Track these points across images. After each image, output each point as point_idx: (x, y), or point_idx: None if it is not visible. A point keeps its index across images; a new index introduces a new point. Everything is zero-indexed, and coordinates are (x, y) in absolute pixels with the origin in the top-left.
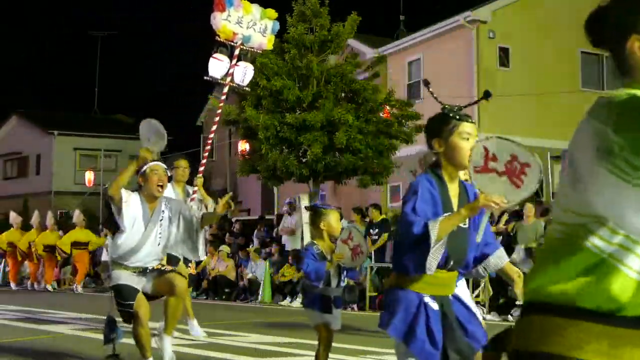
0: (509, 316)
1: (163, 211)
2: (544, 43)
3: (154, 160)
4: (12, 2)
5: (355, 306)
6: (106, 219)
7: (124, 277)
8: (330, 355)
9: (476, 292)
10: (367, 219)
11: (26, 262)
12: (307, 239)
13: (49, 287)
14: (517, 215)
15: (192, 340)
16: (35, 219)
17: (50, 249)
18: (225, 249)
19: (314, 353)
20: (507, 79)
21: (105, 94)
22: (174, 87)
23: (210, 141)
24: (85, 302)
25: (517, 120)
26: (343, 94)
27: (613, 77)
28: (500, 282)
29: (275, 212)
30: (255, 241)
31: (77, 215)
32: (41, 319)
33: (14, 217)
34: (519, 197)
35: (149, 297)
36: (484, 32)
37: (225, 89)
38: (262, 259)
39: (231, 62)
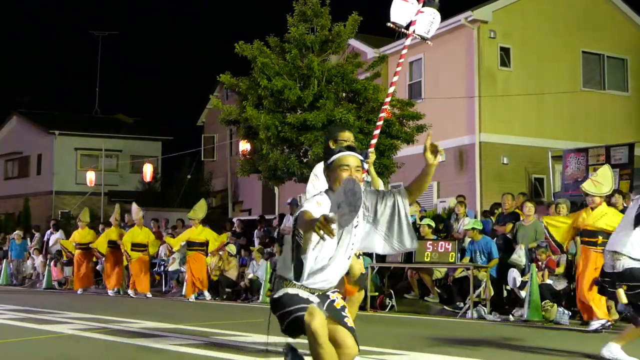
0: (510, 316)
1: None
2: (545, 43)
3: (348, 149)
4: (13, 2)
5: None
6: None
7: (300, 293)
8: None
9: (477, 292)
10: None
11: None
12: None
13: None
14: (516, 216)
15: (193, 340)
16: (135, 213)
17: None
18: (231, 248)
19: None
20: (508, 78)
21: (106, 94)
22: (175, 87)
23: None
24: (87, 302)
25: (518, 120)
26: (344, 94)
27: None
28: (501, 282)
29: (277, 212)
30: (256, 241)
31: (136, 211)
32: (43, 319)
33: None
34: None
35: None
36: (484, 32)
37: (408, 41)
38: (264, 259)
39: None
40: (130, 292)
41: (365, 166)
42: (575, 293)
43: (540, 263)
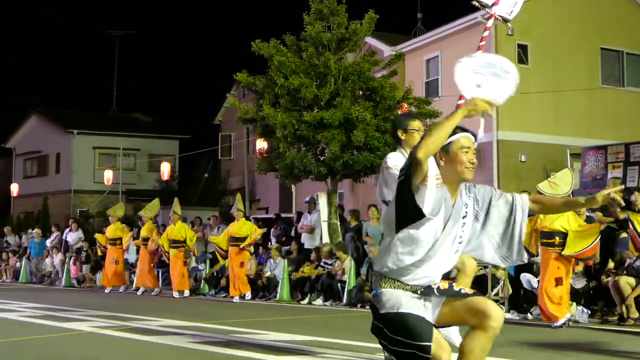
0: (529, 314)
1: (466, 204)
2: (563, 40)
3: (463, 131)
4: (30, 3)
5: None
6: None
7: (404, 301)
8: (348, 353)
9: (495, 290)
10: None
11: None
12: (326, 237)
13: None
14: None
15: (210, 337)
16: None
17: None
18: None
19: (332, 351)
20: (525, 76)
21: (124, 93)
22: (192, 85)
23: None
24: (107, 300)
25: (536, 118)
26: (361, 92)
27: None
28: (519, 280)
29: (294, 211)
30: (272, 240)
31: (239, 200)
32: (62, 316)
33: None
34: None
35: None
36: (502, 29)
37: (490, 23)
38: (281, 257)
39: None
40: (175, 293)
41: None
42: (593, 292)
43: None
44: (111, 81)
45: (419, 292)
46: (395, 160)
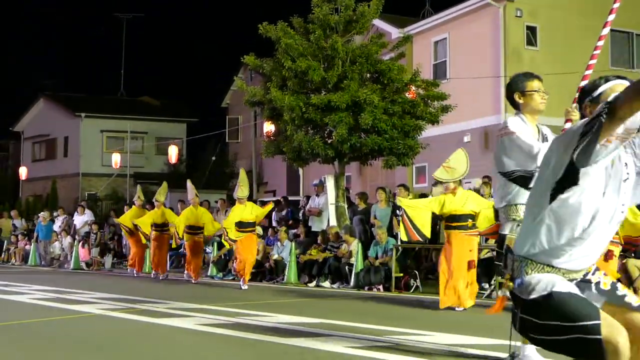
0: None
1: (626, 163)
2: (571, 21)
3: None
4: (13, 2)
5: (380, 287)
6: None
7: (558, 280)
8: (356, 335)
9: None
10: (392, 200)
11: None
12: (333, 220)
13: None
14: None
15: (218, 320)
16: (190, 193)
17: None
18: (258, 229)
19: (341, 333)
20: (534, 58)
21: (131, 77)
22: (199, 68)
23: None
24: (114, 283)
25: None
26: (368, 75)
27: None
28: None
29: (301, 193)
30: (274, 222)
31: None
32: (71, 299)
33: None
34: None
35: None
36: (510, 10)
37: (616, 5)
38: (288, 239)
39: None
40: (185, 275)
41: None
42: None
43: None
44: (119, 64)
45: (574, 282)
46: (518, 126)
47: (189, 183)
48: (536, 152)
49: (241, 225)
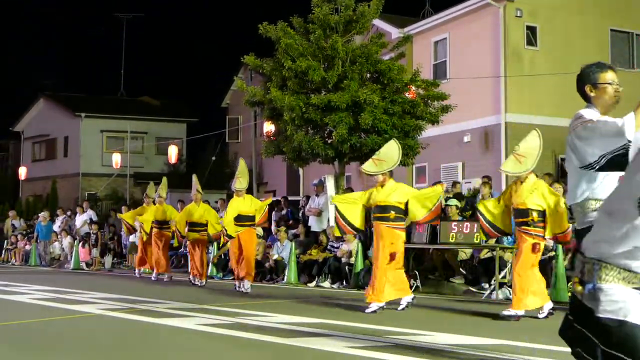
0: None
1: None
2: (572, 21)
3: None
4: (13, 2)
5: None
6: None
7: (635, 306)
8: (356, 335)
9: (502, 273)
10: None
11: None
12: (333, 220)
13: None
14: None
15: (218, 320)
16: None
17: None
18: (258, 230)
19: (341, 333)
20: (534, 58)
21: (131, 77)
22: (199, 68)
23: None
24: (115, 283)
25: (545, 100)
26: (368, 75)
27: None
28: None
29: (301, 193)
30: (273, 223)
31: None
32: (71, 299)
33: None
34: None
35: None
36: (510, 10)
37: None
38: (288, 239)
39: None
40: (191, 278)
41: None
42: None
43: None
44: (119, 64)
45: None
46: (593, 115)
47: (194, 178)
48: (621, 124)
49: (240, 219)
